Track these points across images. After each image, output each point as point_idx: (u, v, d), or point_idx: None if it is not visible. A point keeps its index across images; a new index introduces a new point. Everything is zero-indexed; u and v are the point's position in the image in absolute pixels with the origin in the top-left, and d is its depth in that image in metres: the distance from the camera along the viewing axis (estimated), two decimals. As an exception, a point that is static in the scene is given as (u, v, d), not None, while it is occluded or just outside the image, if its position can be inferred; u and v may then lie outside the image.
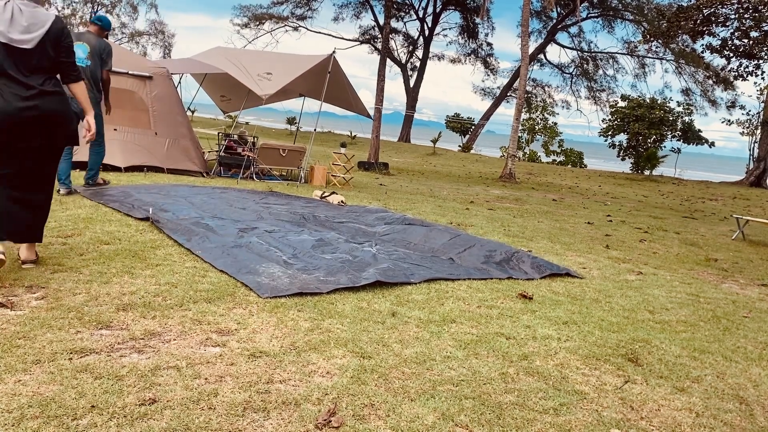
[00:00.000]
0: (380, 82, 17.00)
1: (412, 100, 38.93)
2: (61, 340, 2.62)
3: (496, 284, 4.49)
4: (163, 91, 9.67)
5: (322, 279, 4.04)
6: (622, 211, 11.95)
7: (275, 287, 3.72)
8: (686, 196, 18.56)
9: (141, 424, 2.04)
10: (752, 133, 30.31)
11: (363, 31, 38.74)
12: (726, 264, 6.70)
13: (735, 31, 17.44)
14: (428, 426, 2.24)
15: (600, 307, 4.19)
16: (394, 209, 7.95)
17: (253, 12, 36.96)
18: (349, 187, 10.59)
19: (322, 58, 10.58)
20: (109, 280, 3.55)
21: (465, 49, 40.31)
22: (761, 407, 2.77)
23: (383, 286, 4.06)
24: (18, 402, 2.09)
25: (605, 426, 2.40)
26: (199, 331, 2.93)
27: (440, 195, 11.09)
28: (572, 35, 37.53)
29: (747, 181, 25.89)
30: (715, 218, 12.29)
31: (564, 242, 6.91)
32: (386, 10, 18.61)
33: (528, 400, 2.54)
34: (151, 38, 45.15)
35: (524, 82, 17.70)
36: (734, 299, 4.93)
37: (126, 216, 5.49)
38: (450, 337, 3.21)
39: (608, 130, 30.14)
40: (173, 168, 9.21)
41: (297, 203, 7.45)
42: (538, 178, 20.42)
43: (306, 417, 2.20)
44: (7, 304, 2.97)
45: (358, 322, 3.29)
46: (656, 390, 2.82)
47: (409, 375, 2.67)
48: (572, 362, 3.05)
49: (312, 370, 2.62)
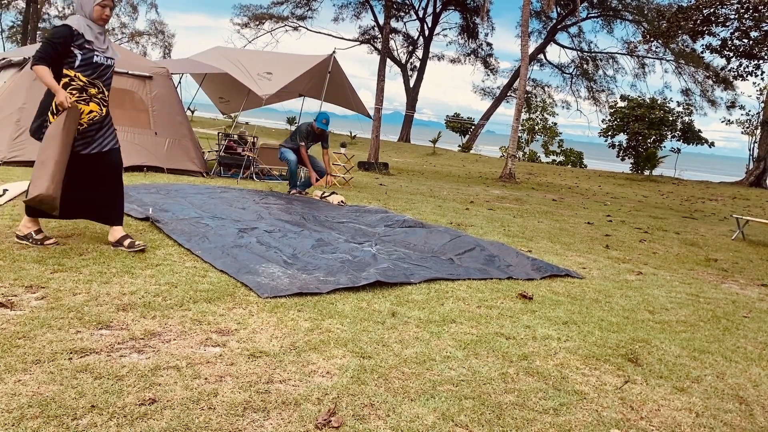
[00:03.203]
0: (380, 82, 17.00)
1: (412, 100, 38.93)
2: (61, 340, 2.62)
3: (496, 284, 4.49)
4: (163, 91, 9.67)
5: (322, 279, 4.04)
6: (622, 211, 11.95)
7: (275, 287, 3.72)
8: (686, 196, 18.56)
9: (141, 424, 2.04)
10: (752, 133, 30.32)
11: (363, 31, 38.76)
12: (726, 264, 6.71)
13: (735, 31, 17.44)
14: (428, 426, 2.24)
15: (600, 307, 4.19)
16: (394, 209, 7.95)
17: (253, 12, 36.99)
18: (349, 187, 10.59)
19: (322, 58, 10.59)
20: (109, 280, 3.55)
21: (465, 49, 40.35)
22: (761, 407, 2.77)
23: (383, 286, 4.06)
24: (18, 402, 2.09)
25: (605, 426, 2.40)
26: (199, 331, 2.93)
27: (440, 195, 11.09)
28: (572, 35, 37.58)
29: (747, 181, 25.90)
30: (715, 218, 12.29)
31: (564, 242, 6.91)
32: (386, 10, 18.61)
33: (528, 400, 2.54)
34: (151, 38, 45.16)
35: (524, 82, 17.69)
36: (734, 299, 4.93)
37: (126, 216, 5.49)
38: (450, 337, 3.21)
39: (608, 130, 30.13)
40: (173, 168, 9.21)
41: (297, 203, 7.45)
42: (538, 178, 20.42)
43: (306, 417, 2.20)
44: (7, 304, 2.97)
45: (358, 322, 3.29)
46: (656, 390, 2.82)
47: (409, 375, 2.67)
48: (572, 362, 3.05)
49: (312, 370, 2.62)
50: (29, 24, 38.77)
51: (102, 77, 4.06)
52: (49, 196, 3.73)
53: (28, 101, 8.31)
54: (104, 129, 4.18)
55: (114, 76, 9.24)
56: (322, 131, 8.47)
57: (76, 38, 3.88)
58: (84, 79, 3.93)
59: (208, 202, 6.65)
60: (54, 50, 3.83)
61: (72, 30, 3.87)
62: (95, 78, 4.00)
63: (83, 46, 3.91)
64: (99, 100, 4.07)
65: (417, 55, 40.47)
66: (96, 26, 3.99)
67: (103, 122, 4.16)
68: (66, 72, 3.89)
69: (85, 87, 3.95)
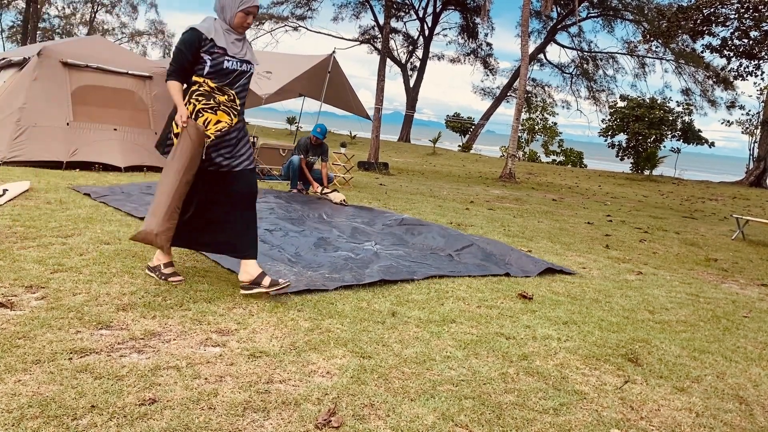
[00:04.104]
0: (380, 82, 17.00)
1: (412, 100, 38.92)
2: (61, 340, 2.62)
3: (496, 284, 4.49)
4: (163, 91, 9.66)
5: (327, 276, 4.08)
6: (622, 211, 11.95)
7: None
8: (686, 196, 18.56)
9: (141, 424, 2.04)
10: (752, 133, 30.32)
11: (363, 31, 38.73)
12: (726, 264, 6.71)
13: (735, 31, 17.44)
14: (428, 426, 2.24)
15: (600, 307, 4.19)
16: (394, 209, 7.95)
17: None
18: (349, 186, 10.58)
19: (322, 58, 10.59)
20: (109, 280, 3.55)
21: (465, 49, 40.34)
22: (761, 407, 2.77)
23: (383, 285, 4.06)
24: (18, 402, 2.09)
25: (605, 426, 2.40)
26: (199, 331, 2.93)
27: (440, 195, 11.09)
28: (572, 35, 37.54)
29: (747, 181, 25.90)
30: (715, 218, 12.29)
31: (564, 242, 6.91)
32: (386, 10, 18.60)
33: (528, 400, 2.54)
34: (150, 38, 45.19)
35: (524, 81, 17.69)
36: (734, 299, 4.93)
37: (126, 216, 5.49)
38: (450, 337, 3.21)
39: (608, 130, 30.13)
40: (173, 168, 9.20)
41: (297, 202, 7.45)
42: (538, 178, 20.42)
43: (306, 417, 2.20)
44: (7, 304, 2.97)
45: (358, 322, 3.29)
46: (656, 390, 2.82)
47: (409, 375, 2.67)
48: (572, 362, 3.05)
49: (312, 370, 2.62)
50: (29, 24, 38.76)
51: (234, 84, 3.61)
52: (151, 232, 3.41)
53: (28, 101, 8.32)
54: (236, 145, 3.68)
55: (114, 76, 9.36)
56: (319, 141, 8.63)
57: (205, 43, 3.51)
58: (212, 85, 3.55)
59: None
60: (185, 59, 3.50)
61: (199, 34, 3.51)
62: (225, 85, 3.57)
63: (212, 51, 3.52)
64: (229, 109, 3.61)
65: (417, 55, 40.49)
66: (234, 33, 3.60)
67: (237, 135, 3.69)
68: (195, 79, 3.54)
69: (212, 93, 3.55)
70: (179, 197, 3.48)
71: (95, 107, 8.89)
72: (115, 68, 9.23)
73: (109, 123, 8.94)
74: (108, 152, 8.71)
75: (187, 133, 3.44)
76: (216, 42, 3.51)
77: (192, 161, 3.47)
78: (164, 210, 3.42)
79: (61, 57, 8.74)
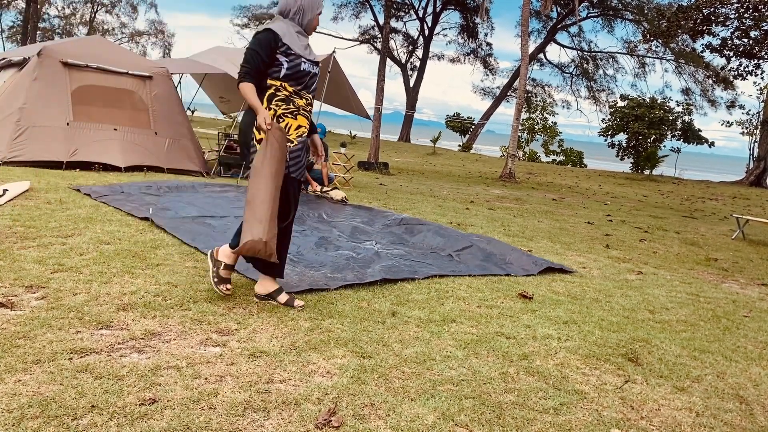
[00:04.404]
0: (380, 82, 16.99)
1: (412, 100, 38.93)
2: (61, 340, 2.62)
3: (496, 284, 4.49)
4: (163, 91, 9.67)
5: (329, 276, 4.08)
6: (622, 210, 11.95)
7: (286, 284, 3.72)
8: (686, 195, 18.56)
9: (141, 424, 2.04)
10: (752, 132, 30.32)
11: (363, 31, 38.75)
12: (726, 263, 6.71)
13: (735, 30, 17.43)
14: (428, 426, 2.24)
15: (600, 306, 4.19)
16: (394, 209, 7.95)
17: (253, 12, 37.02)
18: (349, 186, 10.58)
19: (322, 58, 10.57)
20: (109, 280, 3.55)
21: (465, 48, 40.35)
22: (761, 407, 2.77)
23: (383, 285, 4.06)
24: (18, 402, 2.09)
25: (605, 426, 2.40)
26: (199, 330, 2.93)
27: (440, 195, 11.09)
28: (572, 35, 37.55)
29: (747, 181, 25.91)
30: (715, 218, 12.29)
31: (564, 242, 6.91)
32: (386, 10, 18.60)
33: (528, 400, 2.54)
34: (150, 38, 45.22)
35: (524, 81, 17.69)
36: (734, 299, 4.93)
37: (126, 216, 5.49)
38: (450, 337, 3.21)
39: (608, 129, 30.13)
40: (173, 168, 9.21)
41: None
42: (538, 177, 20.41)
43: (306, 417, 2.20)
44: (7, 304, 2.97)
45: (358, 321, 3.29)
46: (656, 390, 2.82)
47: (409, 375, 2.67)
48: (572, 362, 3.05)
49: (312, 370, 2.62)
50: (29, 24, 38.78)
51: (308, 87, 3.50)
52: (260, 241, 3.22)
53: (28, 101, 8.32)
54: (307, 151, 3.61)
55: (114, 76, 9.36)
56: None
57: (281, 44, 3.36)
58: (290, 89, 3.41)
59: (209, 201, 6.65)
60: (261, 60, 3.31)
61: (276, 35, 3.34)
62: (302, 88, 3.45)
63: (288, 52, 3.37)
64: (307, 113, 3.52)
65: (417, 55, 40.50)
66: (303, 35, 3.48)
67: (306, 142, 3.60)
68: (270, 82, 3.36)
69: (290, 97, 3.41)
70: (277, 202, 3.33)
71: (95, 107, 8.89)
72: (115, 68, 9.23)
73: (109, 123, 8.94)
74: (108, 152, 8.71)
75: (273, 136, 3.29)
76: (290, 45, 3.36)
77: (280, 165, 3.33)
78: (268, 216, 3.27)
79: (61, 57, 8.75)
